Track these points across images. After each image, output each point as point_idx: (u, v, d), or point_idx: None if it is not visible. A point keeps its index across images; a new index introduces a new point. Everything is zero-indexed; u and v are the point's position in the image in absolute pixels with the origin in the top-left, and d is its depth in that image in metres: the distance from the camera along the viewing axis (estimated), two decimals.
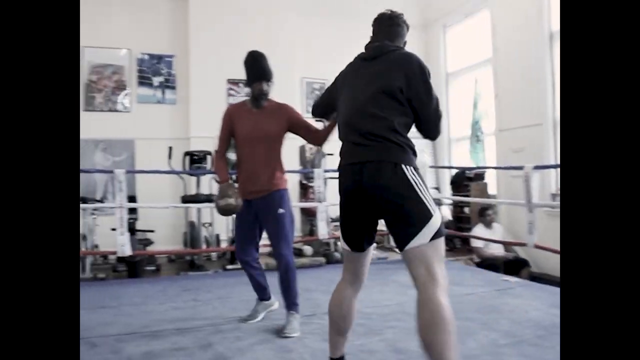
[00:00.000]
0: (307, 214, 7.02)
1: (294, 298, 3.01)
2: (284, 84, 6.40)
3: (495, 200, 6.44)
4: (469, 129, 7.40)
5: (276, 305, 3.31)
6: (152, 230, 6.21)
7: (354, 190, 1.91)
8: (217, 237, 6.16)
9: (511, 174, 6.02)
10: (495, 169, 6.57)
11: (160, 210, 6.22)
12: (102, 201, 6.34)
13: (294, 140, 3.08)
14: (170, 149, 5.93)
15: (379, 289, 4.03)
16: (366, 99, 1.94)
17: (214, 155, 3.15)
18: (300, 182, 7.26)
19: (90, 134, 6.74)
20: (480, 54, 7.31)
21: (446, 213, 7.74)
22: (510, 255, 5.82)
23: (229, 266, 5.43)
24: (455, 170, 7.55)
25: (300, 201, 7.04)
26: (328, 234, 5.29)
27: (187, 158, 6.13)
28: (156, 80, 7.17)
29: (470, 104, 7.41)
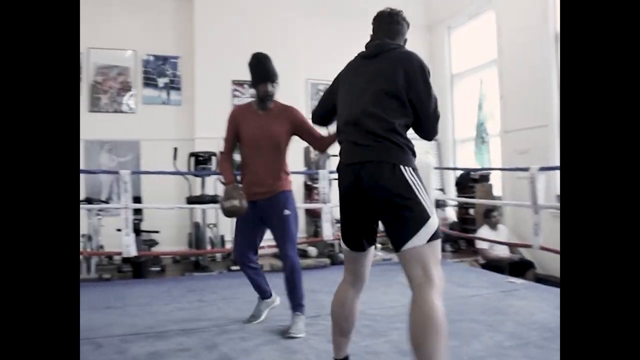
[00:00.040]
0: (312, 215, 7.02)
1: (299, 299, 3.01)
2: (289, 85, 6.38)
3: (500, 202, 6.42)
4: (474, 130, 7.39)
5: (278, 301, 3.30)
6: (157, 231, 6.23)
7: (353, 191, 1.90)
8: (222, 238, 6.17)
9: (517, 176, 6.00)
10: (501, 170, 6.55)
11: (165, 211, 6.23)
12: (108, 202, 6.36)
13: (299, 142, 3.07)
14: (176, 150, 5.95)
15: (383, 290, 4.02)
16: (367, 99, 1.91)
17: (220, 157, 3.14)
18: (305, 183, 7.26)
19: (95, 135, 6.77)
20: (485, 55, 7.30)
21: (451, 214, 7.73)
22: (516, 257, 5.81)
23: (233, 267, 5.43)
24: (460, 172, 7.54)
25: (305, 202, 7.04)
26: (333, 235, 5.28)
27: (192, 159, 6.14)
28: (161, 81, 7.19)
29: (475, 105, 7.40)
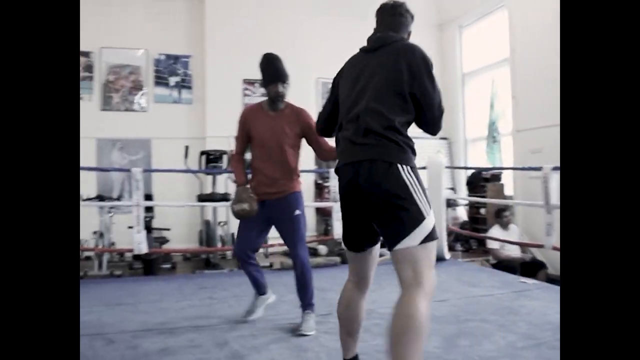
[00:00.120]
0: (322, 213, 7.02)
1: (310, 298, 3.01)
2: (300, 84, 6.40)
3: (512, 201, 6.38)
4: (486, 129, 7.34)
5: (273, 298, 3.27)
6: (168, 229, 6.26)
7: (351, 190, 1.86)
8: (233, 236, 6.18)
9: (529, 175, 5.96)
10: (514, 169, 6.51)
11: (176, 208, 6.27)
12: (119, 199, 6.40)
13: None
14: (187, 148, 5.97)
15: (393, 289, 3.98)
16: (368, 94, 1.86)
17: (231, 156, 3.14)
18: (316, 182, 7.26)
19: (107, 133, 6.83)
20: (497, 54, 7.25)
21: (462, 214, 7.70)
22: (527, 257, 5.77)
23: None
24: (471, 171, 7.49)
25: (316, 201, 7.04)
26: None
27: (203, 157, 6.16)
28: (172, 80, 7.23)
29: (486, 105, 7.35)
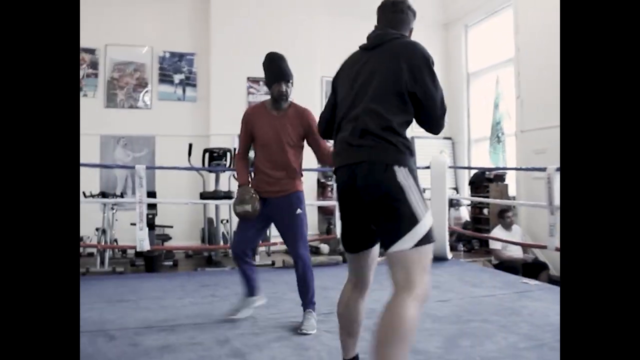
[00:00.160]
0: (325, 212, 7.02)
1: (311, 297, 3.01)
2: (305, 83, 6.40)
3: (516, 202, 6.36)
4: (490, 129, 7.32)
5: (263, 301, 3.25)
6: (171, 226, 6.27)
7: (348, 192, 1.84)
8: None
9: (533, 176, 5.94)
10: (518, 170, 6.49)
11: (179, 206, 6.28)
12: (122, 196, 6.41)
13: None
14: (191, 146, 5.98)
15: None
16: (366, 94, 1.82)
17: (235, 156, 3.13)
18: (319, 181, 7.26)
19: (111, 130, 6.84)
20: (502, 53, 7.23)
21: (464, 214, 7.68)
22: (529, 258, 5.75)
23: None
24: (474, 171, 7.48)
25: (318, 199, 7.04)
26: None
27: (207, 155, 6.17)
28: (177, 77, 7.23)
29: (491, 105, 7.33)
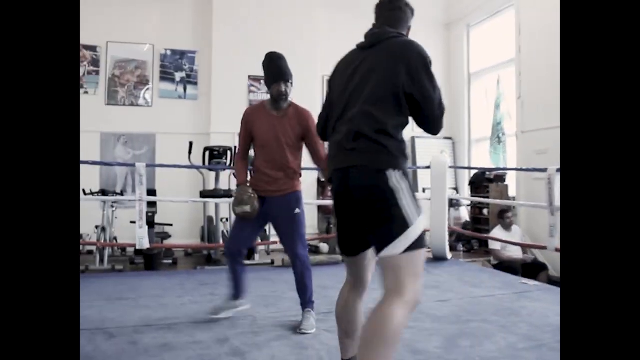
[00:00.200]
0: (325, 211, 7.02)
1: (310, 296, 3.01)
2: (306, 81, 6.40)
3: (516, 203, 6.36)
4: (490, 129, 7.31)
5: (247, 306, 3.19)
6: (171, 224, 6.27)
7: (342, 196, 1.82)
8: None
9: (533, 176, 5.94)
10: (519, 170, 6.49)
11: (179, 204, 6.27)
12: (122, 194, 6.41)
13: None
14: (191, 144, 5.97)
15: None
16: (361, 96, 1.78)
17: (235, 156, 3.13)
18: (318, 180, 7.25)
19: (111, 127, 6.84)
20: (503, 54, 7.23)
21: (464, 214, 7.68)
22: (529, 259, 5.75)
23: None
24: (474, 171, 7.47)
25: (318, 199, 7.04)
26: None
27: (207, 153, 6.17)
28: (178, 75, 7.23)
29: (492, 105, 7.32)
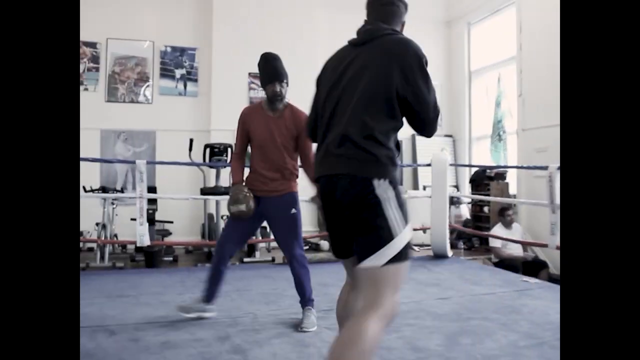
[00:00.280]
0: None
1: (309, 294, 3.02)
2: (306, 81, 6.36)
3: (517, 200, 6.35)
4: (491, 127, 7.31)
5: (212, 313, 3.11)
6: (171, 221, 6.26)
7: (329, 202, 1.77)
8: None
9: (534, 174, 5.94)
10: (519, 168, 6.49)
11: (179, 201, 6.26)
12: (122, 191, 6.40)
13: None
14: (191, 141, 5.97)
15: None
16: (353, 96, 1.70)
17: (232, 156, 3.12)
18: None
19: (111, 124, 6.83)
20: (504, 51, 7.21)
21: (465, 212, 7.68)
22: (529, 256, 5.75)
23: (246, 259, 5.45)
24: (475, 169, 7.47)
25: None
26: None
27: (208, 150, 6.16)
28: (178, 72, 7.21)
29: (493, 103, 7.31)
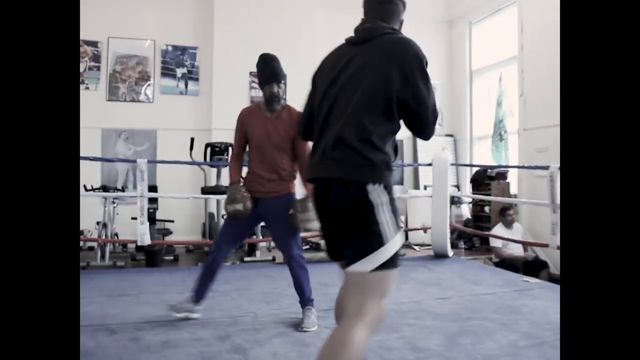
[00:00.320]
0: None
1: (308, 294, 3.02)
2: (306, 81, 6.36)
3: (518, 200, 6.35)
4: (492, 127, 7.30)
5: (197, 315, 3.10)
6: (172, 220, 6.27)
7: (322, 205, 1.76)
8: None
9: (535, 174, 5.93)
10: (520, 168, 6.48)
11: (180, 200, 6.27)
12: (123, 190, 6.40)
13: None
14: (192, 140, 5.97)
15: (397, 286, 3.99)
16: (350, 96, 1.66)
17: (230, 156, 3.13)
18: None
19: (112, 123, 6.83)
20: (505, 51, 7.21)
21: (466, 211, 7.68)
22: (530, 256, 5.75)
23: (246, 258, 5.45)
24: (476, 169, 7.46)
25: None
26: None
27: (208, 149, 6.16)
28: (179, 71, 7.21)
29: (494, 102, 7.31)
